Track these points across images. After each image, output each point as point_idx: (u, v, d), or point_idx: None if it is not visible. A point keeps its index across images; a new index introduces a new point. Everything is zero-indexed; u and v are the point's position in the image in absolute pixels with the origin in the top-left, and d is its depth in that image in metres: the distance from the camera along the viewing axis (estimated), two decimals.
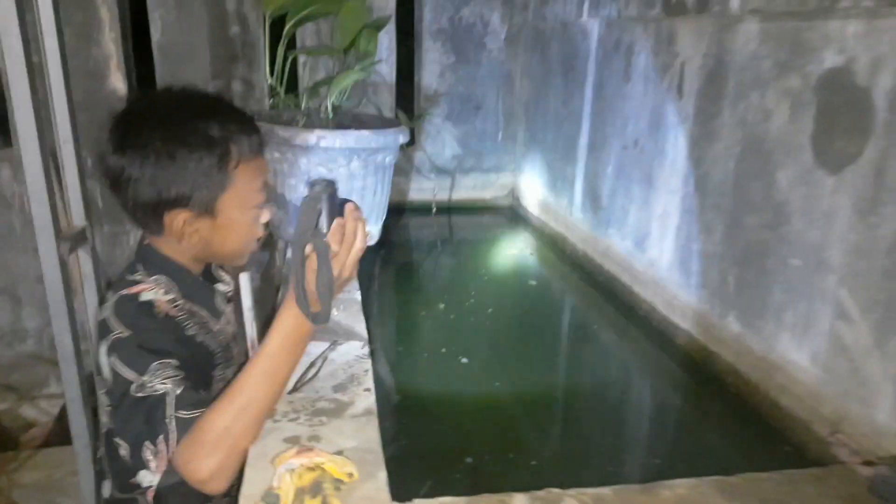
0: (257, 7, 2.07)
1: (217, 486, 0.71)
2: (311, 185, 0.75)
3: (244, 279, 1.17)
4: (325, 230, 0.72)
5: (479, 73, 2.39)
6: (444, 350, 1.32)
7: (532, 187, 2.28)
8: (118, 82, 2.07)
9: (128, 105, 0.89)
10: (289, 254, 1.39)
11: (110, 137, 0.84)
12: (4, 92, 2.00)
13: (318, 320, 0.74)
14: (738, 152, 1.15)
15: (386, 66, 2.29)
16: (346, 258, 0.76)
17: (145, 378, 0.77)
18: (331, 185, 0.74)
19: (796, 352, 1.01)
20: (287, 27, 1.46)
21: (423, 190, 2.41)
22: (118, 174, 0.84)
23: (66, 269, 1.31)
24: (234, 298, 1.11)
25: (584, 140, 1.83)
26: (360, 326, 1.08)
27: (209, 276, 1.00)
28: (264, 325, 0.92)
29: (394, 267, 1.95)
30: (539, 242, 2.10)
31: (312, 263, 0.72)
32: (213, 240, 0.88)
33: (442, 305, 1.54)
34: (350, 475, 0.65)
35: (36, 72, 1.16)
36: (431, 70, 2.36)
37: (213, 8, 2.07)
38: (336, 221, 0.74)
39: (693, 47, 1.28)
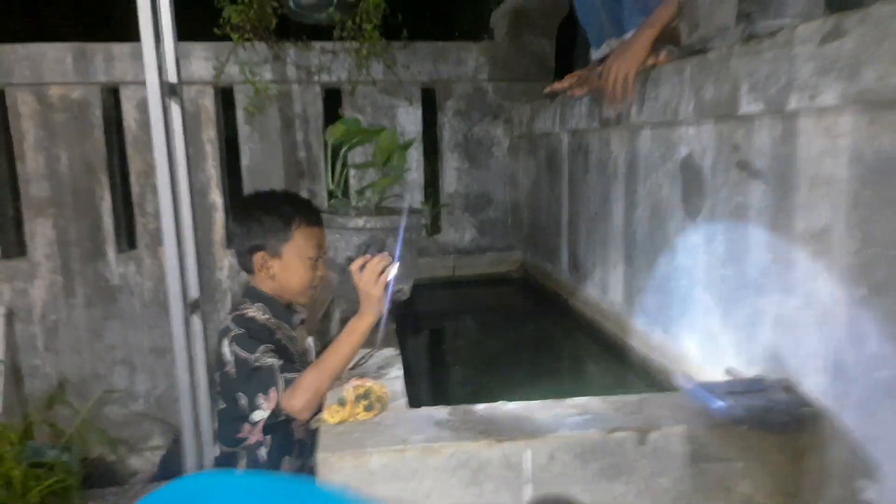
0: (319, 136, 2.77)
1: (305, 415, 1.25)
2: (369, 238, 1.35)
3: (310, 341, 1.76)
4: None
5: (489, 175, 3.01)
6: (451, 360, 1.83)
7: (534, 259, 2.82)
8: (216, 196, 2.76)
9: (242, 198, 1.65)
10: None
11: (232, 215, 1.55)
12: (135, 210, 2.76)
13: (375, 311, 1.30)
14: (648, 214, 1.69)
15: (416, 173, 2.94)
16: (379, 279, 1.32)
17: (257, 355, 1.34)
18: (382, 241, 1.34)
19: (687, 339, 1.48)
20: (343, 150, 2.11)
21: (447, 267, 2.98)
22: (232, 233, 1.51)
23: (188, 325, 1.94)
24: (307, 324, 1.70)
25: (564, 218, 2.39)
26: (395, 344, 1.61)
27: (290, 307, 1.58)
28: (324, 345, 1.49)
29: (424, 318, 2.49)
30: (540, 299, 2.61)
31: (372, 274, 1.29)
32: (280, 276, 1.49)
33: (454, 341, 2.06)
34: (385, 393, 1.16)
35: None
36: (451, 174, 3.00)
37: (286, 138, 2.79)
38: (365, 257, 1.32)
39: (619, 147, 1.86)
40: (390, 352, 1.52)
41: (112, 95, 2.70)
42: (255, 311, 1.48)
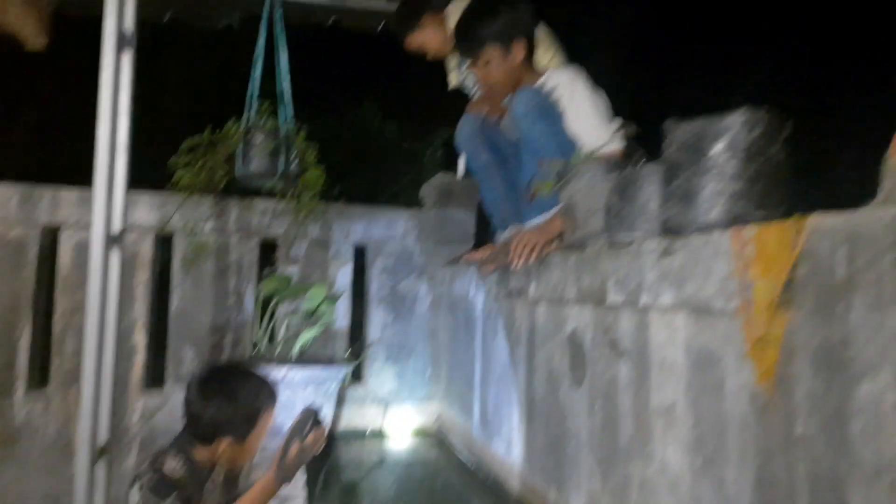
0: (251, 284, 2.91)
1: None
2: (305, 409, 1.47)
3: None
4: (304, 434, 1.41)
5: (411, 328, 3.20)
6: None
7: (450, 412, 2.94)
8: (140, 338, 2.80)
9: (212, 379, 1.63)
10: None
11: (198, 391, 1.57)
12: (53, 348, 2.77)
13: (285, 480, 1.39)
14: (545, 379, 1.89)
15: (342, 322, 3.09)
16: (304, 453, 1.43)
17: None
18: (315, 412, 1.45)
19: (575, 498, 1.62)
20: (272, 303, 2.26)
21: (366, 416, 3.04)
22: (196, 409, 1.57)
23: (93, 471, 1.95)
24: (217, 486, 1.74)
25: (477, 376, 2.56)
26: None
27: (211, 471, 1.63)
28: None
29: (335, 469, 2.50)
30: (452, 452, 2.69)
31: (293, 450, 1.39)
32: (232, 457, 1.56)
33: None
34: None
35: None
36: (376, 325, 3.17)
37: (219, 284, 2.91)
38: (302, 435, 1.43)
39: (522, 316, 2.10)
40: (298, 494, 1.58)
41: (50, 236, 2.80)
42: (174, 465, 1.51)
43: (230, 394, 1.53)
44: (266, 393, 1.58)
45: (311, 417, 1.44)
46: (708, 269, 1.11)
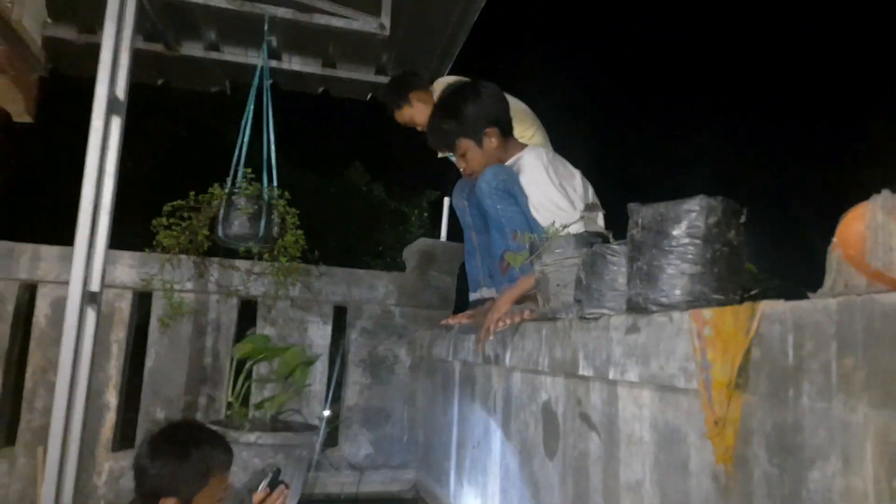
0: (228, 344, 2.90)
1: None
2: (267, 465, 1.45)
3: None
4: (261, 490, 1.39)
5: (390, 391, 3.18)
6: None
7: (426, 480, 2.88)
8: (112, 397, 2.76)
9: (162, 435, 1.60)
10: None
11: (148, 451, 1.54)
12: (23, 405, 2.72)
13: None
14: (519, 449, 1.88)
15: (319, 385, 3.06)
16: None
17: None
18: (278, 469, 1.44)
19: None
20: (247, 365, 2.25)
21: (342, 483, 2.97)
22: (144, 469, 1.52)
23: None
24: None
25: (454, 443, 2.54)
26: None
27: None
28: None
29: None
30: None
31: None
32: None
33: None
34: None
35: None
36: (353, 388, 3.14)
37: (195, 343, 2.89)
38: (265, 490, 1.41)
39: (497, 383, 2.10)
40: None
41: (27, 291, 2.78)
42: None
43: (178, 451, 1.49)
44: (218, 453, 1.53)
45: (274, 473, 1.43)
46: (670, 347, 1.14)
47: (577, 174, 2.13)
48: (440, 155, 2.84)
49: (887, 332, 0.74)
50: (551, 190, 2.01)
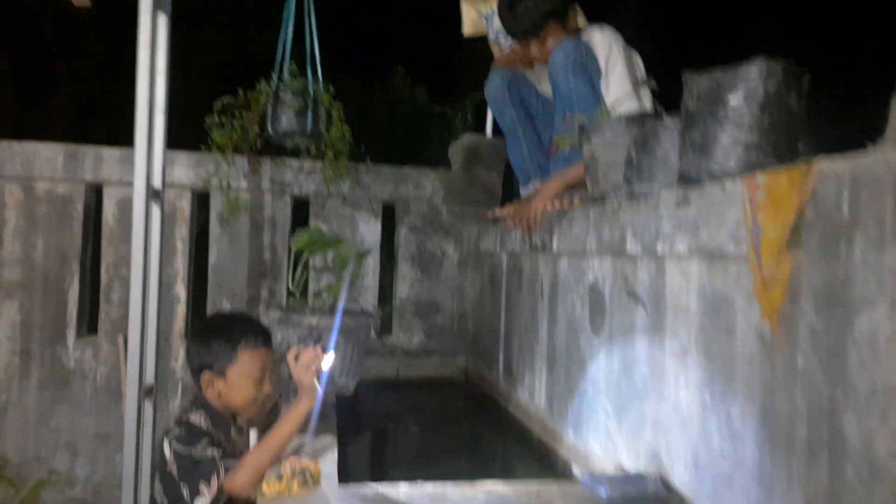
0: (284, 240, 3.02)
1: (247, 492, 1.40)
2: (309, 336, 1.56)
3: (253, 433, 1.92)
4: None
5: (439, 285, 3.29)
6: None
7: (476, 365, 3.04)
8: (181, 290, 2.94)
9: (202, 322, 1.78)
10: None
11: (189, 335, 1.72)
12: (101, 298, 2.93)
13: (308, 396, 1.49)
14: (565, 329, 1.95)
15: (372, 280, 3.19)
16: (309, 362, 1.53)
17: (198, 449, 1.50)
18: (319, 336, 1.55)
19: (592, 440, 1.70)
20: (304, 256, 2.35)
21: (396, 367, 3.16)
22: (187, 351, 1.67)
23: (142, 409, 2.09)
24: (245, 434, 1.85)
25: (502, 329, 2.64)
26: (334, 433, 1.78)
27: (233, 419, 1.74)
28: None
29: (366, 415, 2.63)
30: (478, 402, 2.80)
31: (305, 364, 1.49)
32: (224, 394, 1.66)
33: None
34: (318, 470, 1.34)
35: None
36: (404, 282, 3.27)
37: (254, 240, 3.03)
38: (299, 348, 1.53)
39: (544, 270, 2.16)
40: (328, 439, 1.69)
41: (95, 193, 2.93)
42: (197, 417, 1.64)
43: (209, 328, 1.71)
44: (248, 332, 1.68)
45: (314, 339, 1.54)
46: (721, 216, 1.15)
47: (635, 53, 2.07)
48: (466, 34, 2.74)
49: None
50: (626, 69, 1.97)
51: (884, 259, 0.81)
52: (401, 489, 1.32)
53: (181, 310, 2.88)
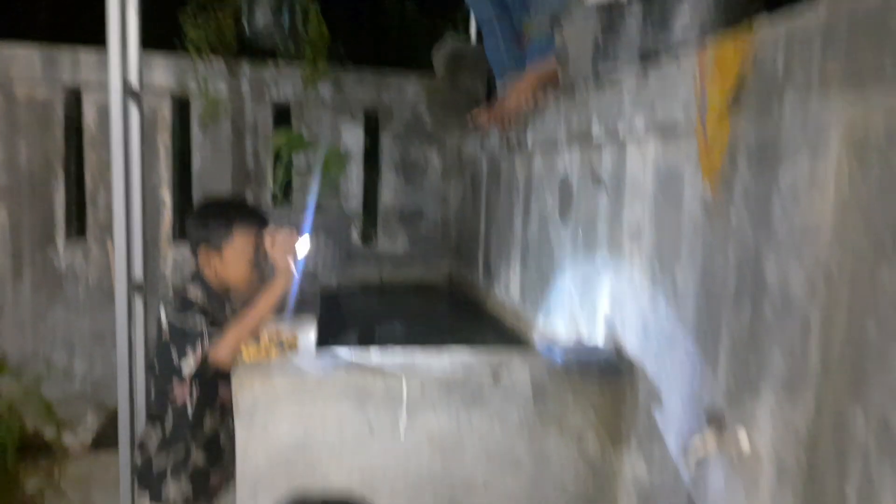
0: (267, 147, 3.04)
1: (228, 363, 1.49)
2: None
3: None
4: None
5: (423, 193, 3.33)
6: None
7: (458, 269, 3.13)
8: (166, 196, 2.99)
9: (201, 202, 1.82)
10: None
11: (190, 215, 1.77)
12: (87, 202, 2.97)
13: (284, 275, 1.57)
14: (537, 223, 2.02)
15: (356, 188, 3.23)
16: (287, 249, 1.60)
17: (188, 319, 1.58)
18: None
19: (559, 320, 1.80)
20: (286, 159, 2.39)
21: (381, 274, 3.26)
22: (187, 229, 1.73)
23: (132, 304, 2.17)
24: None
25: (481, 231, 2.71)
26: (314, 314, 1.88)
27: (227, 297, 1.81)
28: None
29: (351, 314, 2.75)
30: (458, 301, 2.91)
31: (281, 246, 1.56)
32: (221, 271, 1.73)
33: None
34: (296, 339, 1.43)
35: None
36: (388, 190, 3.31)
37: (236, 147, 3.05)
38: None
39: (521, 169, 2.20)
40: (308, 321, 1.78)
41: (74, 97, 2.91)
42: (194, 291, 1.72)
43: (208, 206, 1.77)
44: (244, 213, 1.74)
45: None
46: (675, 90, 1.19)
47: None
48: None
49: (867, 29, 0.77)
50: None
51: (809, 109, 0.86)
52: (373, 355, 1.42)
53: (167, 213, 2.93)
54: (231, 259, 1.71)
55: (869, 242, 0.77)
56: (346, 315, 2.68)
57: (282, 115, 3.16)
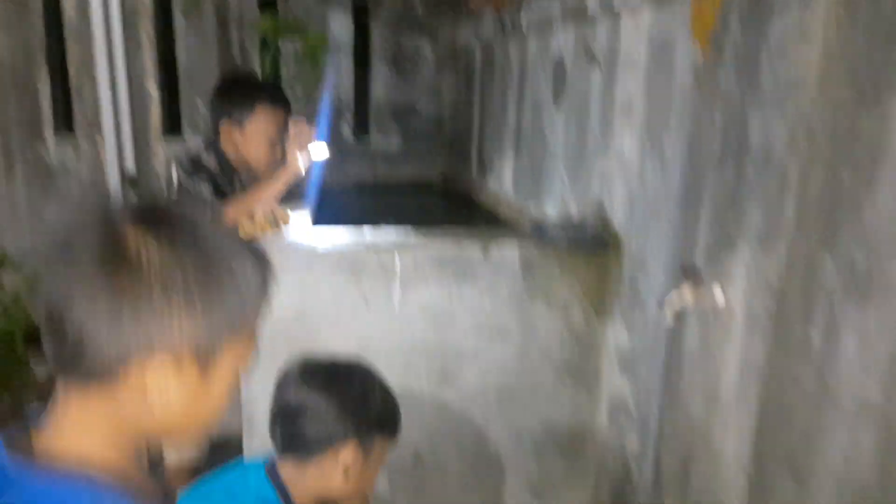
0: (254, 39, 2.93)
1: None
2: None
3: None
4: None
5: (416, 87, 3.26)
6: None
7: (453, 165, 3.13)
8: (152, 89, 2.92)
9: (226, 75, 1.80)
10: None
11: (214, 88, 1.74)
12: (73, 96, 2.91)
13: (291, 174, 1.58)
14: (531, 109, 2.00)
15: (346, 81, 3.15)
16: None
17: (194, 182, 1.60)
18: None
19: (550, 206, 1.83)
20: (272, 49, 2.32)
21: (374, 172, 3.25)
22: (210, 102, 1.72)
23: (126, 198, 2.18)
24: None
25: (475, 124, 2.68)
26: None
27: (238, 172, 1.81)
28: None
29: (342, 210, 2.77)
30: (453, 197, 2.93)
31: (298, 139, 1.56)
32: (241, 146, 1.72)
33: None
34: (289, 216, 1.46)
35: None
36: (379, 83, 3.23)
37: (222, 39, 2.94)
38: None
39: (515, 54, 2.15)
40: (302, 206, 1.81)
41: None
42: (208, 158, 1.72)
43: (234, 79, 1.80)
44: (269, 89, 1.75)
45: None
46: None
47: None
48: None
49: None
50: None
51: None
52: (366, 233, 1.45)
53: (155, 107, 2.88)
54: (252, 135, 1.69)
55: (851, 93, 0.78)
56: (338, 212, 2.70)
57: (267, 6, 3.03)
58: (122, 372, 0.51)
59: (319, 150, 1.67)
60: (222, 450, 1.47)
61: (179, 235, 0.52)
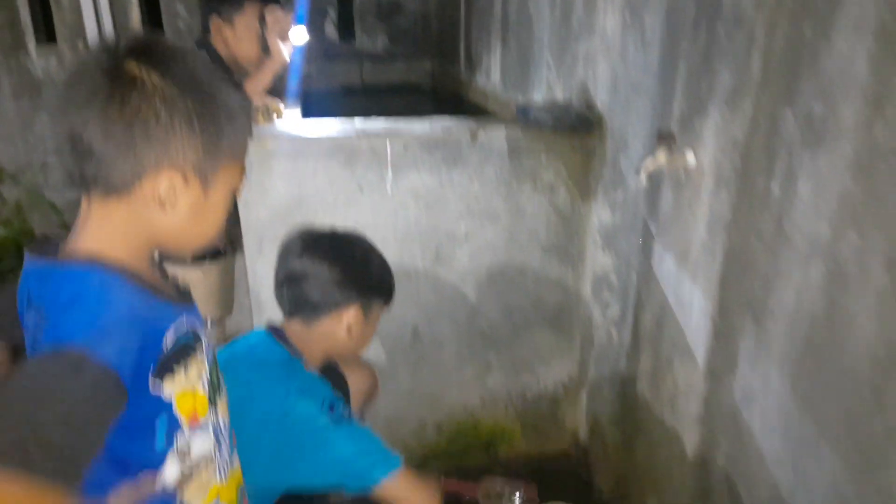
0: None
1: None
2: None
3: None
4: None
5: None
6: None
7: (441, 66, 3.10)
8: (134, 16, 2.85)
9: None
10: None
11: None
12: (51, 4, 2.84)
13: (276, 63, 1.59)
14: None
15: None
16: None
17: None
18: None
19: (536, 95, 1.85)
20: None
21: (362, 74, 3.22)
22: (200, 2, 1.72)
23: None
24: None
25: (462, 18, 2.65)
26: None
27: (229, 71, 1.82)
28: None
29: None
30: (441, 97, 2.93)
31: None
32: (231, 43, 1.72)
33: None
34: (280, 108, 1.49)
35: None
36: None
37: None
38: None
39: None
40: (290, 100, 1.83)
41: None
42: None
43: None
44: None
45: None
46: None
47: None
48: None
49: None
50: None
51: None
52: (357, 122, 1.49)
53: (135, 14, 2.82)
54: (242, 31, 1.70)
55: None
56: (327, 113, 2.70)
57: None
58: (138, 185, 0.60)
59: (300, 35, 1.68)
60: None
61: (176, 67, 0.59)
